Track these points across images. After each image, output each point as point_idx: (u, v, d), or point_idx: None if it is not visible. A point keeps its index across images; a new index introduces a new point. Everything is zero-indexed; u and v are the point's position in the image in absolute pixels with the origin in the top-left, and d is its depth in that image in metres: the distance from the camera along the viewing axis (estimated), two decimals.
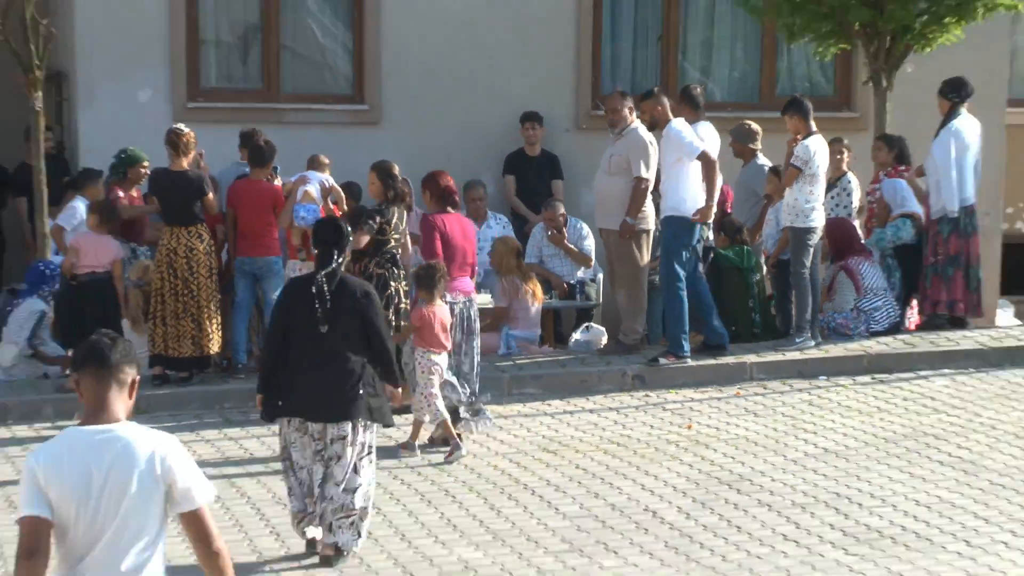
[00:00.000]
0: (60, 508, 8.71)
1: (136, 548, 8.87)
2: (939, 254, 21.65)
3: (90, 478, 8.76)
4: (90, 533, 8.79)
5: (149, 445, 8.81)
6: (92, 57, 23.68)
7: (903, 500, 16.31)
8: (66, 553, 8.79)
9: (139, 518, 8.82)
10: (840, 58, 24.20)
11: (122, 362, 8.91)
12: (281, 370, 14.56)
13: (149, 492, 8.82)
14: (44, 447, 8.84)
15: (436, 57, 23.93)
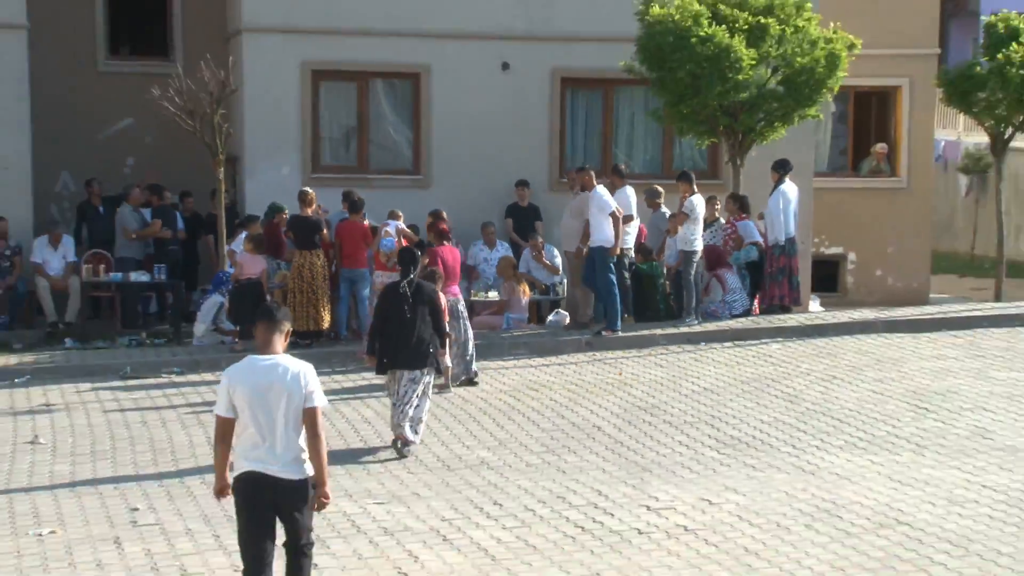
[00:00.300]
0: (240, 407, 9.65)
1: (289, 429, 9.70)
2: (773, 267, 22.66)
3: (259, 388, 9.62)
4: (262, 423, 9.63)
5: (296, 368, 9.76)
6: (254, 147, 25.13)
7: (752, 419, 17.00)
8: (247, 438, 9.70)
9: (290, 411, 9.68)
10: (711, 147, 24.87)
11: (282, 319, 9.92)
12: (383, 340, 15.78)
13: (296, 396, 9.68)
14: (232, 368, 9.91)
15: (464, 145, 25.33)
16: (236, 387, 9.66)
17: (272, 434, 9.63)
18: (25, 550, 12.30)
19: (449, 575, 11.46)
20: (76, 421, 17.48)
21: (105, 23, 27.59)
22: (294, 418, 9.68)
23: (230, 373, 9.81)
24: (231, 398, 9.66)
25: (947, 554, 11.64)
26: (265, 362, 9.70)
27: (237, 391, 9.64)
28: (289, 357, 9.83)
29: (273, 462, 9.66)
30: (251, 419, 9.61)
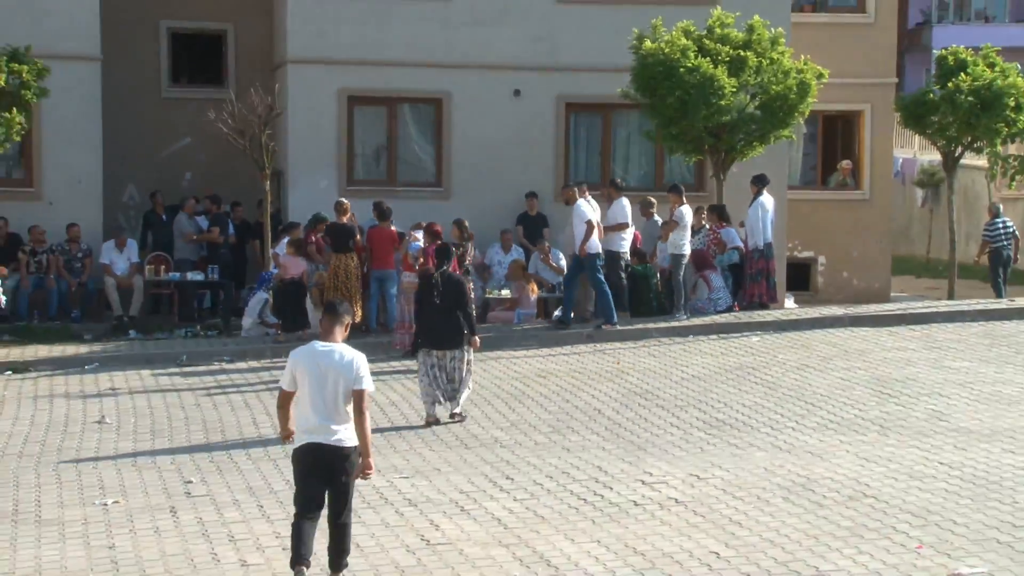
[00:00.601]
0: (300, 383, 10.10)
1: (340, 406, 10.03)
2: (752, 269, 22.63)
3: (318, 369, 10.04)
4: (318, 397, 10.02)
5: (350, 355, 10.09)
6: (296, 163, 25.08)
7: (735, 403, 16.99)
8: (305, 409, 10.11)
9: (341, 391, 10.02)
10: (697, 163, 24.76)
11: (344, 313, 10.35)
12: (419, 324, 16.33)
13: (347, 378, 10.01)
14: (297, 350, 10.34)
15: (481, 160, 25.10)
16: (299, 366, 10.11)
17: (325, 409, 9.99)
18: (91, 518, 12.29)
19: (466, 541, 11.36)
20: (138, 403, 17.45)
21: (168, 56, 27.53)
22: (345, 397, 10.01)
23: (295, 354, 10.23)
24: (294, 375, 10.13)
25: (908, 524, 11.54)
26: (325, 347, 10.10)
27: (299, 369, 10.10)
28: (345, 345, 10.17)
29: (326, 433, 10.01)
30: (308, 395, 10.04)
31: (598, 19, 25.37)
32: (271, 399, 17.40)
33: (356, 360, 10.02)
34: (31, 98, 21.60)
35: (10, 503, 12.79)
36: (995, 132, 24.45)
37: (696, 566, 10.56)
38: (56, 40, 23.82)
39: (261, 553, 11.11)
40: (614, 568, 10.56)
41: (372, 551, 11.08)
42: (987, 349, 19.81)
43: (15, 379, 19.11)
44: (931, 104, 24.80)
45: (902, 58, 44.34)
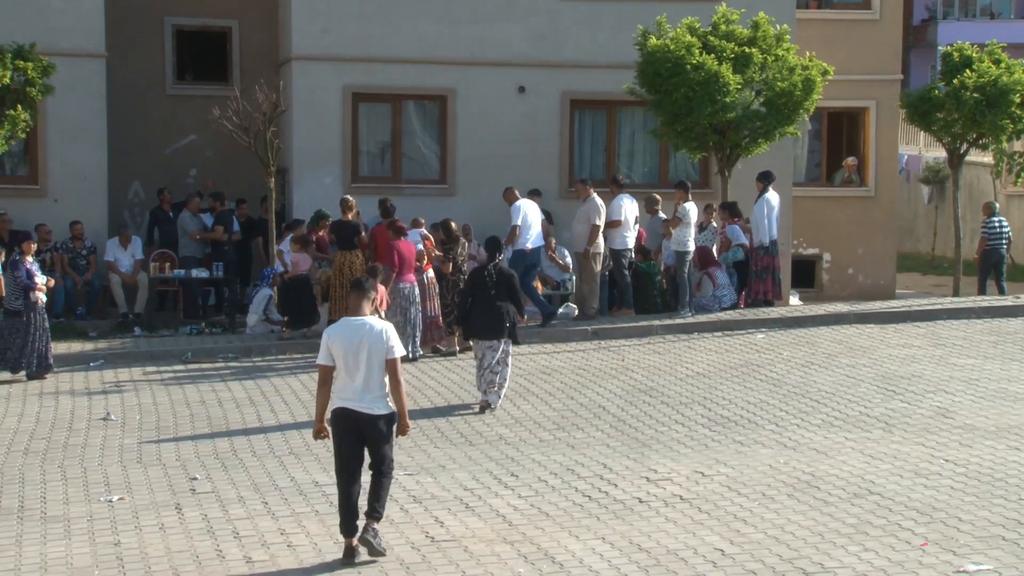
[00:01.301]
0: (337, 358, 10.79)
1: (373, 374, 10.76)
2: (758, 266, 22.65)
3: (352, 342, 10.73)
4: (353, 369, 10.75)
5: (380, 327, 10.83)
6: (301, 160, 25.14)
7: (740, 400, 17.00)
8: (342, 378, 10.84)
9: (376, 361, 10.75)
10: (702, 160, 24.60)
11: (370, 288, 11.07)
12: (468, 315, 16.70)
13: (380, 348, 10.75)
14: (331, 327, 11.17)
15: (485, 158, 25.33)
16: (334, 341, 10.85)
17: (360, 378, 10.76)
18: (96, 514, 12.29)
19: (471, 538, 11.36)
20: (143, 400, 17.43)
21: (173, 52, 27.58)
22: (378, 366, 10.77)
23: (329, 331, 11.03)
24: (330, 350, 10.84)
25: (914, 521, 11.55)
26: (356, 322, 10.84)
27: (334, 344, 10.83)
28: (375, 318, 10.96)
29: (360, 400, 10.79)
30: (344, 366, 10.79)
31: (603, 15, 25.37)
32: (276, 396, 17.51)
33: (386, 330, 10.83)
34: (36, 95, 21.58)
35: (15, 500, 12.79)
36: (1000, 129, 24.44)
37: (701, 563, 10.56)
38: (61, 37, 23.82)
39: (266, 550, 11.11)
40: (619, 565, 10.56)
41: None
42: (992, 346, 19.79)
43: (20, 376, 19.17)
44: (936, 101, 24.77)
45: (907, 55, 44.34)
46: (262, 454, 14.49)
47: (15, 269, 18.84)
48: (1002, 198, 35.67)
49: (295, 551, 11.05)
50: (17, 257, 19.03)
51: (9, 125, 21.05)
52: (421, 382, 18.13)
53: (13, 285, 18.83)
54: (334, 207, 22.13)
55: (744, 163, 23.88)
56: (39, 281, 18.95)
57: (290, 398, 17.34)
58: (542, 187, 24.84)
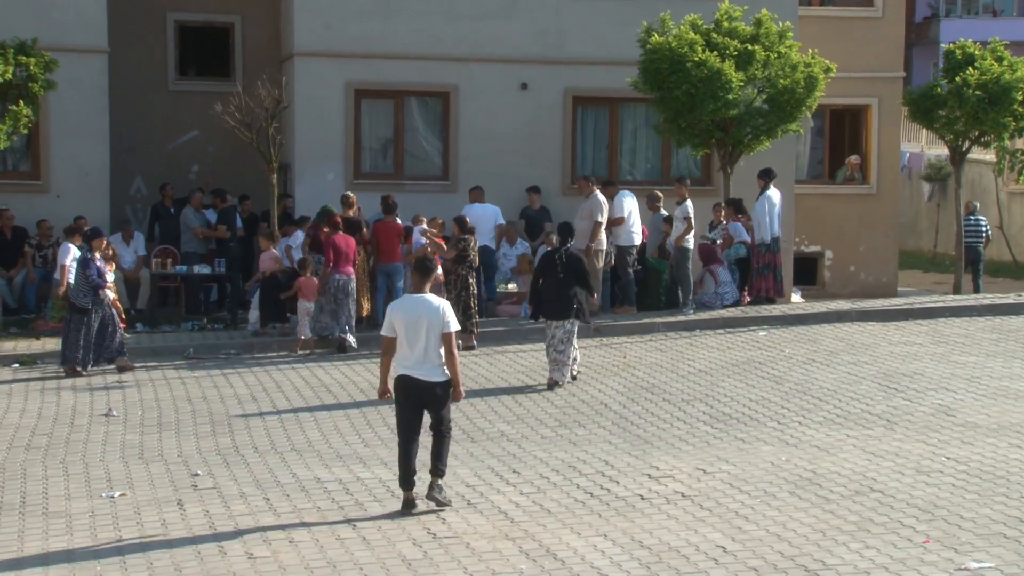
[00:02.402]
0: (398, 329, 11.98)
1: (430, 346, 11.92)
2: (759, 263, 22.61)
3: (412, 316, 11.97)
4: (413, 340, 11.93)
5: (437, 303, 12.08)
6: (303, 156, 25.19)
7: (742, 397, 17.03)
8: (402, 349, 12.00)
9: (432, 333, 11.92)
10: (705, 157, 24.57)
11: (431, 269, 12.41)
12: (539, 296, 17.60)
13: (437, 322, 11.94)
14: (394, 302, 12.58)
15: (487, 155, 25.52)
16: (396, 315, 12.07)
17: (419, 349, 11.92)
18: (98, 510, 12.30)
19: (472, 535, 11.36)
20: (145, 396, 17.45)
21: (175, 48, 27.55)
22: (435, 338, 11.93)
23: (392, 306, 12.34)
24: (392, 323, 12.04)
25: (915, 518, 11.56)
26: (417, 298, 12.13)
27: (396, 318, 12.04)
28: (433, 295, 12.21)
29: (419, 369, 11.96)
30: (405, 338, 11.96)
31: (605, 12, 25.36)
32: (277, 392, 17.54)
33: (442, 307, 12.08)
34: (38, 91, 21.59)
35: (17, 495, 12.80)
36: (1003, 126, 24.44)
37: (702, 560, 10.57)
38: (63, 32, 23.84)
39: (268, 546, 11.11)
40: (620, 562, 10.57)
41: (378, 544, 11.09)
42: (994, 344, 19.81)
43: (22, 371, 19.20)
44: (939, 98, 24.77)
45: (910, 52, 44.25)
46: (264, 450, 14.49)
47: (86, 268, 18.90)
48: (1004, 196, 35.69)
49: (297, 547, 11.06)
50: (88, 255, 19.07)
51: (11, 120, 21.06)
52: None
53: (84, 283, 18.91)
54: (335, 203, 22.06)
55: (746, 160, 23.93)
56: (109, 279, 19.21)
57: (292, 394, 17.33)
58: (544, 183, 24.90)
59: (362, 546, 11.03)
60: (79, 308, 18.85)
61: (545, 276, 17.49)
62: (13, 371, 19.17)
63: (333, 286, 20.23)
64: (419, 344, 11.92)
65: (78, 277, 19.05)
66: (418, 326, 11.91)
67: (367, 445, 14.62)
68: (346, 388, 17.61)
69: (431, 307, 12.01)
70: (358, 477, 13.23)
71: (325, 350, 20.30)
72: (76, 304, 18.91)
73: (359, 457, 14.08)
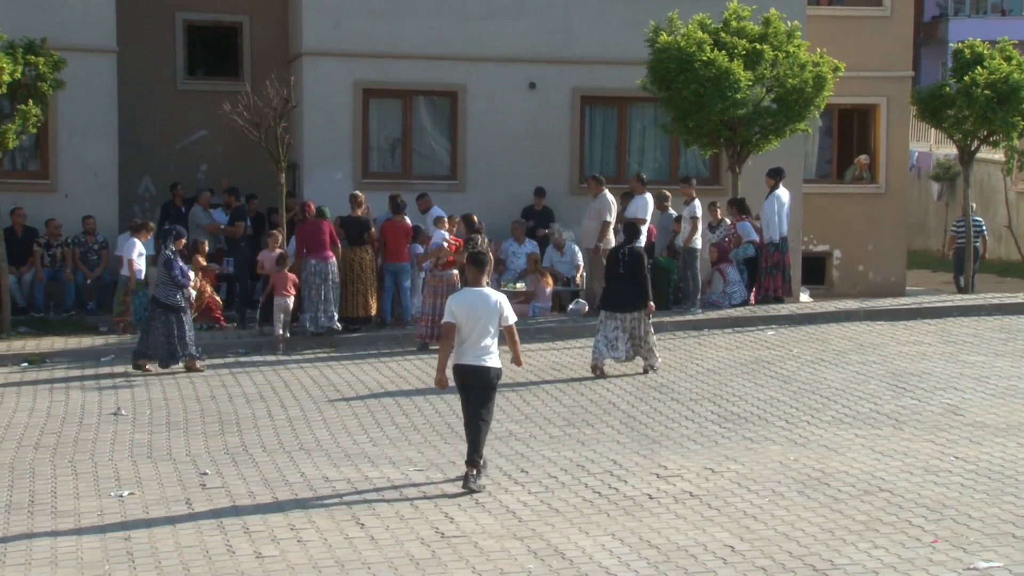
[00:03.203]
0: (459, 319, 12.77)
1: (488, 336, 12.80)
2: (768, 263, 22.58)
3: (470, 306, 12.81)
4: (471, 329, 12.77)
5: (495, 297, 12.94)
6: (311, 155, 25.20)
7: (750, 397, 17.03)
8: (461, 338, 12.80)
9: (490, 324, 12.78)
10: (713, 156, 24.43)
11: (487, 262, 13.40)
12: (606, 290, 18.43)
13: (494, 313, 12.83)
14: (456, 294, 13.38)
15: (495, 155, 25.34)
16: (457, 306, 12.82)
17: (475, 337, 12.74)
18: (107, 509, 12.29)
19: (480, 534, 11.35)
20: (153, 395, 17.47)
21: (184, 48, 27.57)
22: (492, 328, 12.78)
23: (453, 297, 13.15)
24: (454, 313, 12.76)
25: (924, 518, 11.52)
26: (475, 291, 12.97)
27: (457, 309, 12.79)
28: (490, 289, 13.09)
29: (474, 356, 12.75)
30: (465, 328, 12.75)
31: (614, 12, 25.39)
32: (286, 391, 17.55)
33: (500, 300, 12.92)
34: (47, 90, 21.62)
35: (26, 494, 12.80)
36: (1012, 126, 24.44)
37: (711, 559, 10.55)
38: (72, 32, 23.86)
39: (276, 545, 11.11)
40: (628, 561, 10.55)
41: (387, 543, 11.08)
42: (1003, 343, 19.79)
43: (31, 371, 19.22)
44: (947, 98, 24.80)
45: (918, 51, 44.30)
46: (272, 449, 14.50)
47: (170, 267, 19.00)
48: (1013, 195, 35.63)
49: (305, 546, 11.08)
50: (172, 255, 19.18)
51: (20, 120, 21.08)
52: (431, 378, 18.14)
53: (169, 282, 18.99)
54: (344, 202, 22.16)
55: (755, 160, 23.96)
56: (192, 277, 19.51)
57: (300, 393, 17.33)
58: (552, 183, 24.91)
59: (370, 545, 11.03)
60: (166, 306, 18.94)
61: (610, 271, 18.41)
62: (22, 370, 19.25)
63: (308, 272, 20.51)
64: (475, 333, 12.77)
65: (162, 276, 19.08)
66: (476, 318, 12.76)
67: (376, 444, 14.62)
68: (354, 387, 17.62)
69: (489, 300, 12.86)
70: (366, 476, 13.24)
71: (330, 350, 20.37)
72: (164, 302, 18.99)
73: (367, 456, 14.09)
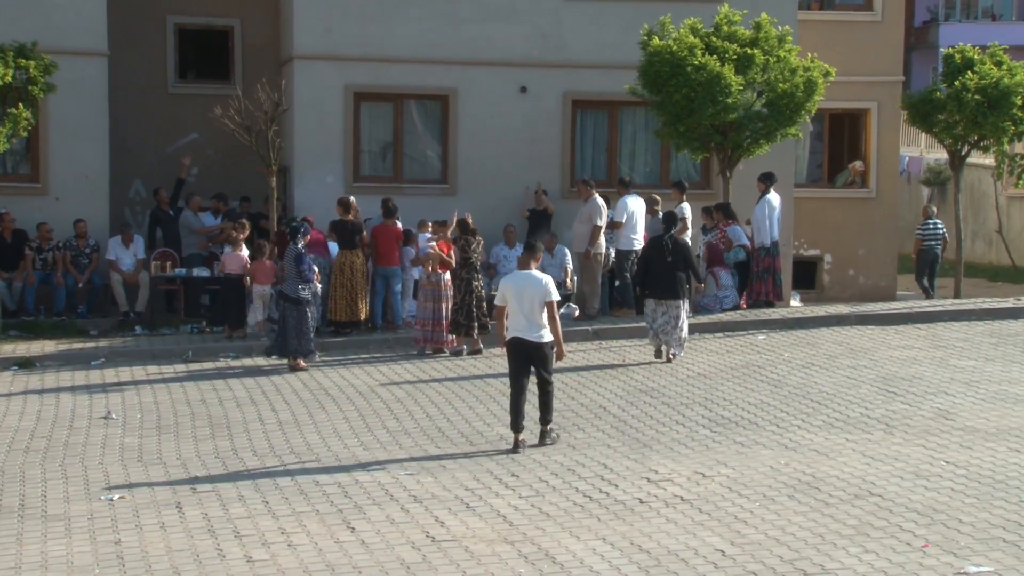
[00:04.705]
0: (508, 299, 14.33)
1: (535, 312, 14.24)
2: (759, 267, 22.71)
3: (520, 288, 14.32)
4: (521, 308, 14.23)
5: (541, 277, 14.42)
6: (302, 159, 25.08)
7: (741, 401, 17.07)
8: (514, 316, 14.32)
9: (536, 302, 14.22)
10: (704, 161, 24.54)
11: (538, 250, 15.00)
12: (649, 279, 19.09)
13: (540, 293, 14.27)
14: (507, 276, 14.90)
15: (487, 158, 25.55)
16: (507, 288, 14.42)
17: (526, 315, 14.23)
18: (97, 513, 12.29)
19: (471, 538, 11.35)
20: (144, 399, 17.42)
21: (175, 51, 27.50)
22: (539, 306, 14.23)
23: (504, 280, 14.70)
24: (504, 294, 14.37)
25: (914, 522, 11.56)
26: (524, 273, 14.53)
27: (507, 290, 14.38)
28: (537, 271, 14.56)
29: (527, 331, 14.27)
30: (515, 306, 14.29)
31: (605, 16, 25.38)
32: (276, 395, 17.54)
33: (545, 280, 14.39)
34: (38, 93, 21.55)
35: (16, 498, 12.79)
36: (1002, 131, 24.47)
37: (701, 564, 10.56)
38: (63, 35, 23.79)
39: (267, 549, 11.11)
40: (619, 565, 10.56)
41: (377, 548, 11.08)
42: (993, 348, 19.79)
43: (21, 374, 19.19)
44: (938, 102, 24.81)
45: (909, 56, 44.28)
46: (263, 453, 14.49)
47: (299, 262, 19.27)
48: (1003, 200, 35.70)
49: (296, 550, 11.06)
50: (302, 249, 19.39)
51: (11, 123, 21.02)
52: (422, 382, 18.22)
53: (298, 276, 19.25)
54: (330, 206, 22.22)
55: (746, 164, 23.91)
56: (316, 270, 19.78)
57: (291, 397, 17.32)
58: (543, 186, 24.84)
59: (361, 549, 11.02)
60: (295, 299, 19.20)
61: (652, 260, 19.05)
62: (13, 374, 19.21)
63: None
64: (525, 311, 14.24)
65: (291, 270, 19.36)
66: (524, 296, 14.26)
67: (366, 448, 14.61)
68: (345, 391, 17.60)
69: (536, 281, 14.38)
70: (357, 480, 13.22)
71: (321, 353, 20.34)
72: (291, 296, 19.27)
73: (358, 460, 14.07)
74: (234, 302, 21.62)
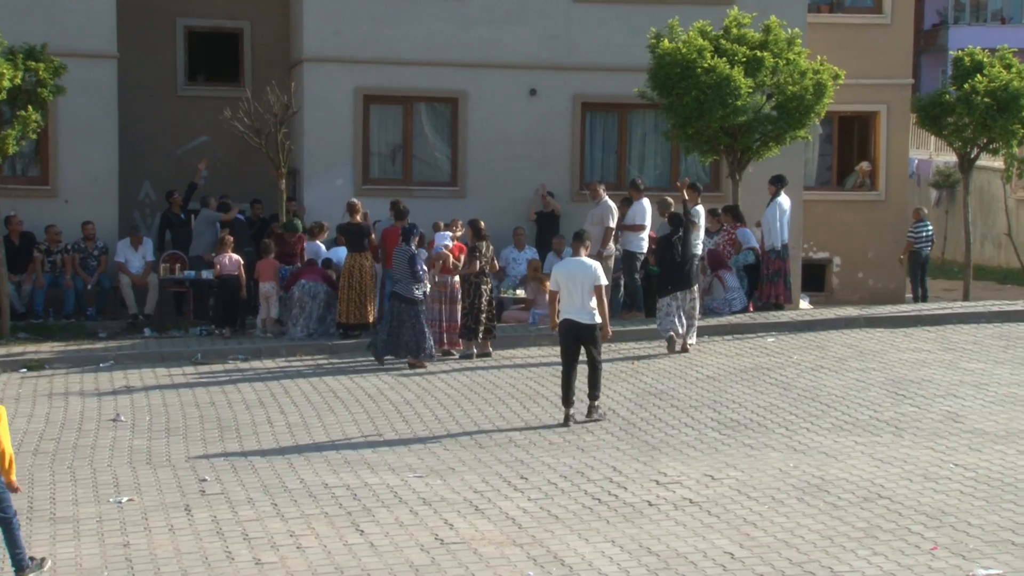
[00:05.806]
0: (561, 284, 15.50)
1: (585, 296, 15.35)
2: (768, 270, 22.65)
3: (571, 273, 15.49)
4: (572, 292, 15.38)
5: (590, 263, 15.48)
6: (312, 161, 25.21)
7: (750, 403, 17.06)
8: (565, 299, 15.46)
9: (586, 286, 15.35)
10: (714, 164, 24.39)
11: (587, 239, 16.14)
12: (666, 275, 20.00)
13: (589, 278, 15.37)
14: (559, 263, 16.29)
15: (496, 161, 25.60)
16: (559, 273, 15.60)
17: (576, 298, 15.38)
18: (106, 515, 12.33)
19: (480, 541, 11.37)
20: (153, 401, 17.45)
21: (184, 53, 27.59)
22: (589, 290, 15.36)
23: (557, 266, 15.91)
24: (557, 280, 15.54)
25: (923, 525, 11.56)
26: (575, 260, 15.69)
27: (559, 275, 15.55)
28: (587, 258, 15.64)
29: (577, 313, 15.42)
30: (566, 290, 15.47)
31: (615, 18, 25.42)
32: (285, 397, 17.55)
33: (594, 266, 15.49)
34: (47, 96, 21.59)
35: (25, 500, 12.77)
36: (1011, 133, 24.44)
37: (710, 566, 10.57)
38: (73, 38, 23.85)
39: (275, 551, 11.13)
40: (628, 568, 10.57)
41: (386, 550, 11.10)
42: (1002, 350, 19.77)
43: (30, 376, 19.21)
44: (947, 105, 24.81)
45: (918, 59, 44.31)
46: (271, 456, 14.48)
47: (414, 263, 19.40)
48: (1012, 203, 35.63)
49: (304, 553, 11.08)
50: (416, 251, 19.55)
51: (20, 126, 21.05)
52: (431, 384, 18.22)
53: (412, 278, 19.38)
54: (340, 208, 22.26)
55: (755, 167, 23.91)
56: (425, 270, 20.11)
57: (300, 399, 17.33)
58: (553, 189, 24.86)
59: (370, 552, 11.04)
60: (409, 299, 19.33)
61: (665, 258, 19.99)
62: (22, 376, 19.24)
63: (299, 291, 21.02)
64: (576, 295, 15.37)
65: (405, 271, 19.46)
66: (575, 281, 15.40)
67: (375, 451, 14.62)
68: (354, 394, 17.61)
69: (585, 267, 15.48)
70: (366, 483, 13.23)
71: (330, 356, 20.37)
72: (405, 296, 19.40)
73: (367, 463, 14.08)
74: (232, 303, 21.66)
